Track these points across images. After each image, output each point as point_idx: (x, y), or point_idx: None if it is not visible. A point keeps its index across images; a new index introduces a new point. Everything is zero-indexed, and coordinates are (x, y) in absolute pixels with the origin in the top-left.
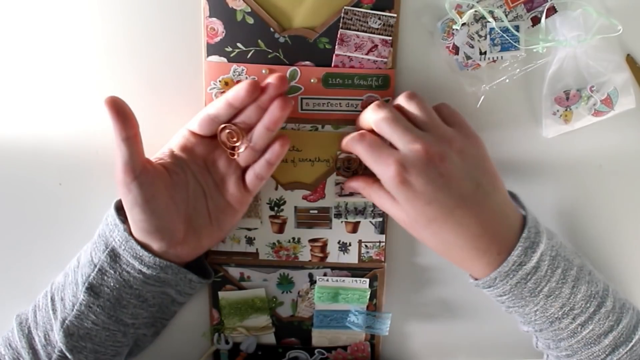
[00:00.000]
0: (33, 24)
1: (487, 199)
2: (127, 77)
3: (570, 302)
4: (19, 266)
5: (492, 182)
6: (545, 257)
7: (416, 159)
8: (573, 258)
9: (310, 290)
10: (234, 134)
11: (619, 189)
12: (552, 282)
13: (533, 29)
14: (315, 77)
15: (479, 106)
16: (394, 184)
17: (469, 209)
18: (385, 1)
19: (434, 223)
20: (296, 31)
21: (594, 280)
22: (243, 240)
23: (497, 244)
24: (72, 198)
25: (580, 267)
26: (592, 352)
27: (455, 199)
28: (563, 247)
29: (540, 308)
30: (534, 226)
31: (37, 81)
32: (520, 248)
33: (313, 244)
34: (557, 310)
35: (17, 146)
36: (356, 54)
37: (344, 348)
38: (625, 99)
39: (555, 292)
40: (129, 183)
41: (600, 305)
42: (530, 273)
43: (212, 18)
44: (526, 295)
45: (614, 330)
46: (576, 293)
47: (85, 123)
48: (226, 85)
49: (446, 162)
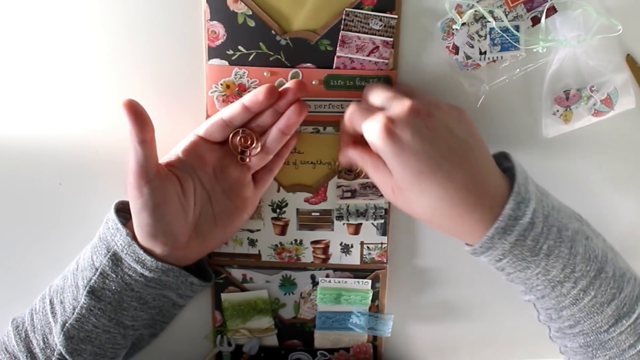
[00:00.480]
0: (33, 25)
1: (474, 154)
2: (128, 79)
3: (570, 264)
4: (18, 266)
5: (479, 143)
6: (538, 214)
7: (403, 113)
8: (567, 221)
9: (313, 292)
10: (248, 138)
11: (619, 189)
12: (549, 240)
13: (533, 29)
14: (317, 79)
15: (479, 106)
16: (382, 136)
17: (456, 161)
18: (386, 2)
19: (421, 177)
20: (297, 33)
21: (591, 245)
22: (245, 242)
23: (489, 197)
24: (72, 198)
25: (575, 230)
26: (594, 322)
27: (442, 151)
28: (556, 210)
29: (542, 270)
30: (523, 183)
31: (38, 81)
32: (512, 202)
33: (315, 245)
34: (558, 272)
35: (17, 146)
36: (357, 56)
37: (347, 350)
38: (625, 99)
39: (554, 252)
40: (142, 186)
41: (600, 270)
42: (527, 229)
43: (213, 21)
44: (527, 255)
45: (616, 299)
46: (574, 254)
47: (85, 123)
48: (227, 88)
49: (434, 117)
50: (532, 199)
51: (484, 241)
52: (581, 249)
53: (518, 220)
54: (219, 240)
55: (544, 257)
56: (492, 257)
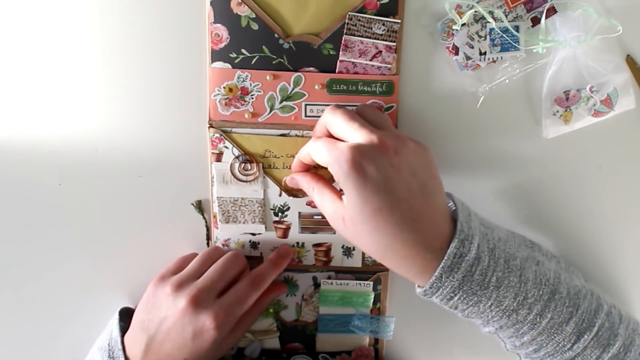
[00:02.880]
0: (33, 25)
1: (432, 197)
2: (131, 80)
3: (522, 291)
4: (18, 266)
5: (438, 187)
6: (483, 248)
7: (372, 147)
8: (515, 251)
9: (315, 294)
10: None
11: (618, 189)
12: (498, 272)
13: (533, 30)
14: (319, 83)
15: (479, 106)
16: (347, 167)
17: (414, 203)
18: (390, 7)
19: (378, 214)
20: (300, 37)
21: (542, 269)
22: (247, 244)
23: (439, 238)
24: (72, 198)
25: (524, 258)
26: (557, 342)
27: (402, 192)
28: (503, 241)
29: (494, 301)
30: (466, 221)
31: (38, 81)
32: (456, 240)
33: (317, 248)
34: (511, 301)
35: (17, 146)
36: (360, 60)
37: (348, 353)
38: (625, 99)
39: (504, 282)
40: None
41: (553, 292)
42: (474, 264)
43: (216, 24)
44: (477, 290)
45: (573, 317)
46: (525, 281)
47: (85, 123)
48: (230, 91)
49: (400, 155)
50: (476, 235)
51: (433, 281)
52: (531, 275)
53: (464, 257)
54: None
55: (494, 288)
56: (443, 296)
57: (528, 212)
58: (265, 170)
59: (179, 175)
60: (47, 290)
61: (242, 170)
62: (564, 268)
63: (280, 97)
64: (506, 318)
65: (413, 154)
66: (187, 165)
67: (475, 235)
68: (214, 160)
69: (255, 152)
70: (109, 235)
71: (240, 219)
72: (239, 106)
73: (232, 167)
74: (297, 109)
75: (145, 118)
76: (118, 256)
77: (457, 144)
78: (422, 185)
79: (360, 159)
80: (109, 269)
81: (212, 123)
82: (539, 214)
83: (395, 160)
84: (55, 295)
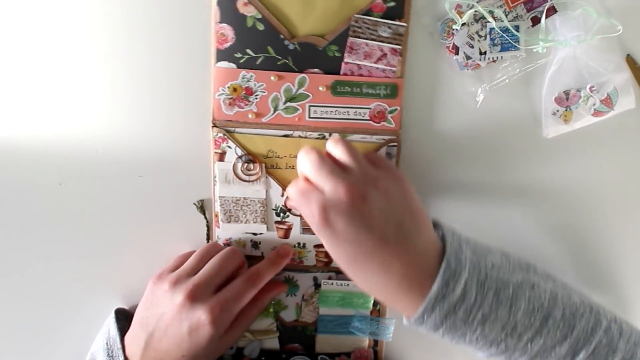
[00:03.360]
0: (34, 25)
1: (410, 240)
2: (134, 79)
3: (510, 323)
4: (18, 266)
5: (416, 223)
6: (471, 284)
7: (338, 200)
8: (510, 276)
9: (315, 295)
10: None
11: (618, 190)
12: (484, 308)
13: (533, 29)
14: (324, 85)
15: (479, 106)
16: (317, 225)
17: (391, 249)
18: (396, 10)
19: (355, 264)
20: (306, 38)
21: (537, 293)
22: (249, 244)
23: (422, 277)
24: (72, 198)
25: (518, 284)
26: None
27: (376, 240)
28: (496, 268)
29: (480, 334)
30: (454, 256)
31: (38, 81)
32: (439, 281)
33: (318, 249)
34: (498, 333)
35: (17, 146)
36: (365, 62)
37: (347, 354)
38: (625, 99)
39: (490, 317)
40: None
41: (547, 317)
42: (457, 303)
43: (222, 24)
44: (460, 326)
45: (568, 338)
46: (515, 312)
47: (85, 123)
48: (234, 91)
49: (368, 202)
50: (465, 269)
51: (416, 318)
52: (523, 304)
53: (446, 298)
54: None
55: (479, 324)
56: (427, 329)
57: (528, 211)
58: (268, 170)
59: (180, 174)
60: (48, 290)
61: (245, 170)
62: (562, 285)
63: (284, 98)
64: (495, 347)
65: (384, 194)
66: (189, 164)
67: (464, 270)
68: (217, 160)
69: (258, 152)
70: (109, 235)
71: (242, 218)
72: (243, 106)
73: (234, 166)
74: (301, 110)
75: (148, 116)
76: (118, 256)
77: (457, 143)
78: (397, 228)
79: (328, 216)
80: (109, 269)
81: (216, 122)
82: (538, 213)
83: (365, 209)
84: (56, 296)
